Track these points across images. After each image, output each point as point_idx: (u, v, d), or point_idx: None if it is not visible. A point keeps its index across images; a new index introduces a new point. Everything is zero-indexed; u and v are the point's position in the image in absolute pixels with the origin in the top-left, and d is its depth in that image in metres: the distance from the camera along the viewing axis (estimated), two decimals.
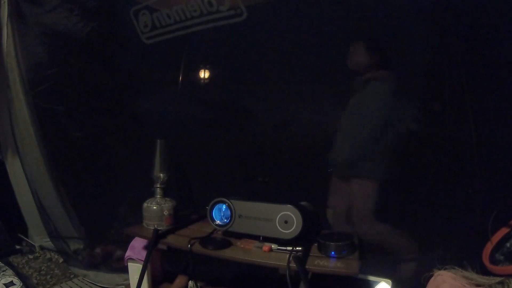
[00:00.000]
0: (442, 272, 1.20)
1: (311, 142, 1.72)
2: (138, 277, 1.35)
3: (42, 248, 2.46)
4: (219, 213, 1.34)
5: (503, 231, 1.22)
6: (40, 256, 2.38)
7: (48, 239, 2.37)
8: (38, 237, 2.46)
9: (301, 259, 1.10)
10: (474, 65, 1.40)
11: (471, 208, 1.40)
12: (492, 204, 1.30)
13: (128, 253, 1.54)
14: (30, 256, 2.36)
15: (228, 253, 1.23)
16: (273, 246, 1.22)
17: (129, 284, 1.54)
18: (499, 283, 1.11)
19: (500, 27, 1.34)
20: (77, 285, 2.03)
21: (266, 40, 1.69)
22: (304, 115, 1.65)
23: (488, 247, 1.22)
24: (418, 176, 1.55)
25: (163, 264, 1.61)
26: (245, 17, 1.58)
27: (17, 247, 2.44)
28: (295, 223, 1.17)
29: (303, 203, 1.36)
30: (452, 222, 1.45)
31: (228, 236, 1.34)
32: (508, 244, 1.20)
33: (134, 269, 1.50)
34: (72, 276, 2.13)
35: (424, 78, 1.55)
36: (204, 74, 1.91)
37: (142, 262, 1.38)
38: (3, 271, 1.94)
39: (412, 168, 1.56)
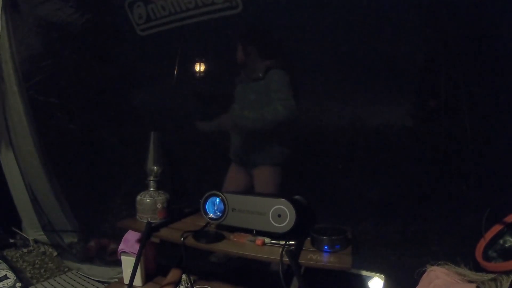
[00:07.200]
0: (435, 267, 1.21)
1: (305, 136, 1.71)
2: (131, 270, 1.35)
3: (36, 241, 2.45)
4: (213, 207, 1.34)
5: (497, 228, 1.23)
6: (34, 250, 2.36)
7: (42, 233, 2.35)
8: (32, 231, 2.45)
9: (294, 253, 1.10)
10: (470, 61, 1.40)
11: (465, 205, 1.40)
12: (486, 201, 1.30)
13: (121, 246, 1.53)
14: (24, 250, 2.35)
15: (221, 247, 1.23)
16: (266, 240, 1.21)
17: (122, 277, 1.54)
18: (491, 279, 1.11)
19: (497, 22, 1.33)
20: (71, 278, 2.03)
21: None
22: (298, 108, 1.64)
23: (482, 244, 1.23)
24: (412, 172, 1.55)
25: (157, 257, 1.60)
26: (241, 9, 1.57)
27: (11, 240, 2.43)
28: (288, 217, 1.17)
29: (296, 197, 1.36)
30: (446, 218, 1.45)
31: (222, 230, 1.34)
32: (501, 241, 1.20)
33: (127, 262, 1.49)
34: (66, 269, 2.13)
35: (419, 74, 1.55)
36: (199, 67, 1.90)
37: (135, 255, 1.37)
38: None
39: (407, 165, 1.55)
